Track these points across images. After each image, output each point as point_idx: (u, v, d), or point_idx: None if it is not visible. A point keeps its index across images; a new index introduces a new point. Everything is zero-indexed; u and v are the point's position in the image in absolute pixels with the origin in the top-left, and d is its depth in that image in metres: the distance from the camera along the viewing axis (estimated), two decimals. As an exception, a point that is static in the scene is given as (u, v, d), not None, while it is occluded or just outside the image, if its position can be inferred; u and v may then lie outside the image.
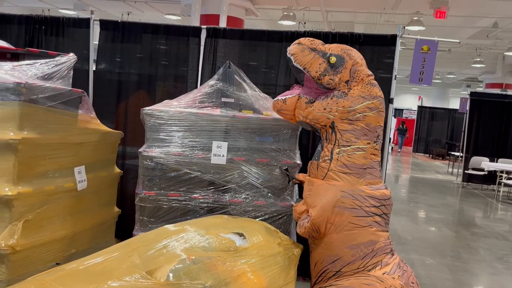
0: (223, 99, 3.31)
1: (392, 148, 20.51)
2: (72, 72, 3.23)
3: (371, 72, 3.05)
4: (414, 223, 7.22)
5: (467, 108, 11.67)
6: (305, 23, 12.22)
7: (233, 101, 3.31)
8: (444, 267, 5.11)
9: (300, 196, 3.29)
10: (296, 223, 3.06)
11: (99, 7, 12.27)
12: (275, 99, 3.08)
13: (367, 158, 2.89)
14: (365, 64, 3.03)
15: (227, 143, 3.21)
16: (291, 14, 11.24)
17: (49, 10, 12.42)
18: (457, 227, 7.25)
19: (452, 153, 14.37)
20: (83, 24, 4.54)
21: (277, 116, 3.31)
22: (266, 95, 3.47)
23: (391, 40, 4.13)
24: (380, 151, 3.00)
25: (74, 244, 3.01)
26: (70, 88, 2.93)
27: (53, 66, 2.99)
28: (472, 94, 11.52)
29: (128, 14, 12.97)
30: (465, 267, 5.18)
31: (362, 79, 2.95)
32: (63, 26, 4.61)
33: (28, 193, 2.60)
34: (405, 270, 2.91)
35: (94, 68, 4.54)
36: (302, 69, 2.95)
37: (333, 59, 2.92)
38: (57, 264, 2.81)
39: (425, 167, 15.45)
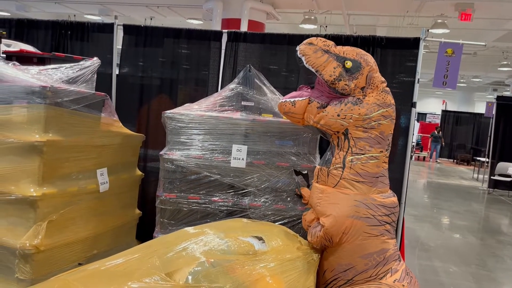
0: (243, 103, 3.32)
1: (423, 157, 19.23)
2: (95, 76, 3.29)
3: (384, 79, 2.96)
4: (437, 229, 7.07)
5: (494, 112, 11.40)
6: (326, 26, 12.15)
7: (253, 104, 3.31)
8: (469, 275, 4.99)
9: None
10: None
11: (123, 12, 12.50)
12: (282, 100, 2.96)
13: (379, 167, 2.82)
14: (378, 70, 2.95)
15: (246, 146, 3.21)
16: (312, 17, 11.19)
17: (74, 15, 12.72)
18: (482, 234, 7.07)
19: (478, 158, 14.04)
20: (107, 29, 4.62)
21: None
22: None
23: (414, 43, 4.07)
24: (388, 159, 2.94)
25: (96, 245, 3.06)
26: (94, 92, 2.98)
27: (78, 70, 3.05)
28: (498, 98, 11.24)
29: (151, 19, 13.17)
30: (491, 276, 5.05)
31: (377, 86, 2.86)
32: (87, 31, 4.71)
33: (52, 194, 2.66)
34: (412, 276, 2.88)
35: (117, 72, 4.62)
36: (314, 71, 2.82)
37: (348, 64, 2.80)
38: (80, 264, 2.86)
39: (449, 173, 15.14)
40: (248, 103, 3.31)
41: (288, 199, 3.24)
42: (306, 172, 3.22)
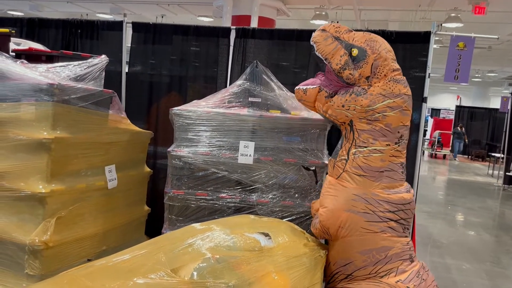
0: (250, 99, 3.30)
1: (444, 155, 18.14)
2: (104, 74, 3.31)
3: (397, 66, 2.79)
4: (451, 226, 6.98)
5: (509, 107, 11.19)
6: (337, 22, 12.06)
7: (260, 100, 3.30)
8: (482, 272, 4.91)
9: None
10: None
11: (134, 11, 12.57)
12: (297, 87, 2.93)
13: (385, 161, 2.69)
14: (391, 58, 2.77)
15: (254, 142, 3.20)
16: (323, 13, 11.10)
17: (87, 14, 12.83)
18: (497, 231, 6.96)
19: (493, 154, 13.81)
20: (116, 26, 4.65)
21: (305, 115, 3.28)
22: (293, 94, 3.42)
23: (424, 37, 4.01)
24: (403, 153, 2.80)
25: (105, 241, 3.08)
26: (101, 89, 3.00)
27: (86, 68, 3.07)
28: (514, 92, 11.05)
29: (162, 17, 13.22)
30: (505, 274, 4.96)
31: (385, 75, 2.70)
32: (97, 29, 4.74)
33: (60, 191, 2.68)
34: (424, 279, 2.74)
35: (126, 70, 4.65)
36: (323, 59, 2.74)
37: (355, 52, 2.68)
38: (89, 260, 2.88)
39: (463, 169, 14.93)
40: (255, 99, 3.30)
41: (296, 195, 3.22)
42: (314, 168, 3.20)
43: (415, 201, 3.73)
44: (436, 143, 18.13)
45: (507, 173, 10.91)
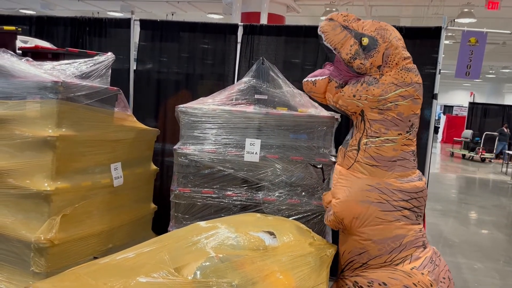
0: (256, 96, 3.27)
1: (483, 159, 15.92)
2: (110, 71, 3.30)
3: (408, 55, 2.75)
4: (463, 225, 6.87)
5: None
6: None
7: (266, 98, 3.26)
8: (494, 272, 4.82)
9: None
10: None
11: (144, 8, 12.61)
12: (305, 79, 2.90)
13: (397, 150, 2.68)
14: (402, 45, 2.73)
15: (260, 140, 3.17)
16: (334, 9, 11.01)
17: (98, 13, 12.91)
18: (510, 230, 6.83)
19: (507, 151, 13.58)
20: (124, 24, 4.64)
21: (312, 112, 3.23)
22: (300, 91, 3.38)
23: (435, 32, 3.93)
24: (414, 140, 2.77)
25: (111, 239, 3.08)
26: (107, 86, 2.99)
27: (91, 65, 3.06)
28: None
29: (173, 15, 13.24)
30: (517, 273, 4.87)
31: (396, 63, 2.66)
32: (105, 27, 4.74)
33: (66, 189, 2.68)
34: (437, 264, 2.75)
35: (134, 67, 4.65)
36: (332, 49, 2.71)
37: (365, 41, 2.64)
38: (95, 258, 2.88)
39: (475, 166, 14.71)
40: (261, 97, 3.27)
41: (303, 193, 3.18)
42: (321, 165, 3.16)
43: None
44: (481, 147, 15.92)
45: (521, 171, 10.72)
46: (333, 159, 3.16)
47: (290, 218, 3.08)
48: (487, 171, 13.70)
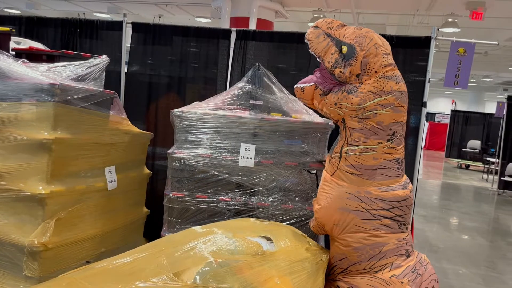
0: (251, 101, 3.29)
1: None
2: (104, 74, 3.29)
3: (389, 62, 2.69)
4: (446, 230, 7.00)
5: (504, 112, 11.26)
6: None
7: (261, 103, 3.28)
8: (479, 277, 4.93)
9: None
10: None
11: (132, 10, 12.52)
12: (296, 85, 2.90)
13: (377, 159, 2.66)
14: (382, 53, 2.65)
15: (255, 145, 3.19)
16: (321, 16, 11.13)
17: (84, 13, 12.77)
18: (492, 236, 6.99)
19: (488, 159, 13.87)
20: (116, 26, 4.63)
21: (306, 118, 3.27)
22: (295, 98, 3.41)
23: (425, 42, 4.03)
24: (398, 149, 2.72)
25: (104, 243, 3.05)
26: (102, 89, 2.98)
27: (86, 68, 3.04)
28: (509, 98, 11.10)
29: (160, 17, 13.18)
30: (501, 279, 4.98)
31: (376, 71, 2.61)
32: (97, 29, 4.72)
33: (60, 192, 2.65)
34: (420, 274, 2.73)
35: (126, 70, 4.63)
36: (317, 57, 2.72)
37: (344, 49, 2.61)
38: (87, 262, 2.86)
39: (457, 173, 14.99)
40: (257, 102, 3.29)
41: (297, 199, 3.21)
42: (315, 171, 3.19)
43: (414, 204, 3.75)
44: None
45: (502, 178, 10.97)
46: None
47: (284, 223, 3.10)
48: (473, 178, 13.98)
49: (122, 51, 4.60)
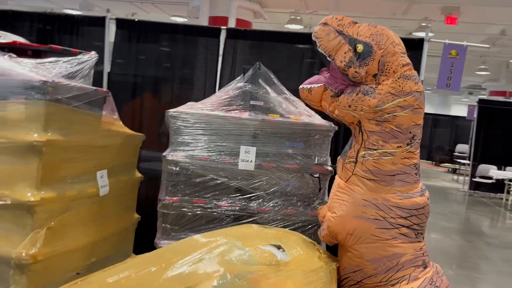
0: (251, 102, 3.15)
1: None
2: (93, 71, 3.09)
3: (407, 61, 2.55)
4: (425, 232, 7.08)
5: (475, 115, 11.57)
6: (310, 27, 12.11)
7: (262, 104, 3.15)
8: (465, 278, 4.97)
9: None
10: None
11: (104, 7, 12.11)
12: (301, 86, 2.76)
13: (396, 164, 2.52)
14: (400, 51, 2.54)
15: (255, 148, 3.05)
16: (298, 18, 11.12)
17: (52, 9, 12.26)
18: (471, 236, 7.12)
19: (459, 160, 14.25)
20: (98, 22, 4.40)
21: (307, 120, 3.16)
22: (296, 98, 3.29)
23: (418, 44, 4.02)
24: (416, 153, 2.61)
25: (95, 252, 2.84)
26: (96, 88, 2.77)
27: (76, 65, 2.83)
28: (480, 101, 11.42)
29: (133, 15, 12.82)
30: (486, 280, 5.05)
31: (394, 71, 2.48)
32: (77, 25, 4.46)
33: (51, 199, 2.43)
34: (438, 286, 2.63)
35: (108, 69, 4.40)
36: (327, 56, 2.56)
37: (360, 48, 2.46)
38: (78, 274, 2.65)
39: (429, 174, 15.33)
40: (257, 103, 3.15)
41: (299, 203, 3.10)
42: (317, 175, 3.09)
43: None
44: None
45: (473, 179, 11.26)
46: (329, 168, 3.10)
47: (286, 229, 2.98)
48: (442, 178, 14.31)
49: (105, 48, 4.37)
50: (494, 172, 10.45)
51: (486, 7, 9.56)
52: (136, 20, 4.41)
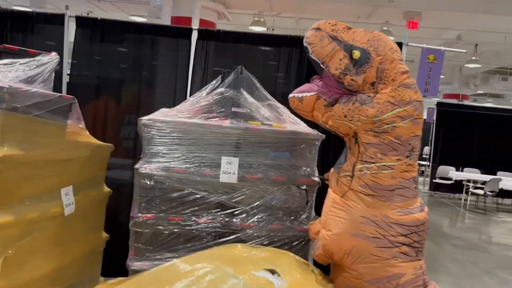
0: (233, 109, 2.91)
1: None
2: (53, 75, 2.75)
3: (406, 68, 2.46)
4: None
5: (434, 118, 11.86)
6: (273, 29, 12.00)
7: (245, 111, 2.91)
8: (440, 285, 4.95)
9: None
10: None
11: (57, 5, 11.45)
12: (291, 95, 2.59)
13: (395, 178, 2.38)
14: (398, 58, 2.43)
15: (238, 158, 2.82)
16: (262, 20, 10.98)
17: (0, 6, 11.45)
18: (436, 238, 7.18)
19: (419, 162, 14.61)
20: (57, 20, 4.02)
21: (292, 128, 2.96)
22: (281, 105, 3.09)
23: (397, 48, 3.92)
24: (415, 166, 2.48)
25: (59, 280, 2.50)
26: (60, 94, 2.44)
27: (35, 67, 2.49)
28: (438, 104, 11.72)
29: (88, 14, 12.20)
30: (459, 284, 5.06)
31: (393, 79, 2.36)
32: (32, 22, 4.06)
33: (8, 224, 2.08)
34: None
35: (68, 71, 4.03)
36: (320, 63, 2.41)
37: (356, 54, 2.34)
38: (39, 307, 2.31)
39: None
40: (239, 110, 2.91)
41: (285, 218, 2.89)
42: (304, 187, 2.90)
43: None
44: None
45: (433, 180, 11.51)
46: (316, 179, 2.91)
47: (272, 246, 2.77)
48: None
49: (64, 49, 4.00)
50: (454, 173, 10.73)
51: (444, 12, 9.80)
52: (99, 18, 4.05)
